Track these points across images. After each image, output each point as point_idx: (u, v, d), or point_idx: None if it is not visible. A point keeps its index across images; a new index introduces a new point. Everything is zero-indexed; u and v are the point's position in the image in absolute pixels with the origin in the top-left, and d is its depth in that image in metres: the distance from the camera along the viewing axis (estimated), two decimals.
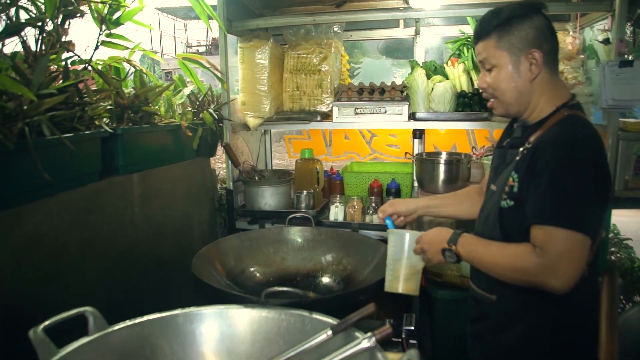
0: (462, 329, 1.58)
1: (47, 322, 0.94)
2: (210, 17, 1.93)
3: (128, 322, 1.05)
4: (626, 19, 1.99)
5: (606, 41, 2.02)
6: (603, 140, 2.00)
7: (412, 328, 1.30)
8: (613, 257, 2.72)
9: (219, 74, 2.20)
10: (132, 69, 1.85)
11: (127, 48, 1.78)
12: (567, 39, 2.33)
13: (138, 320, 1.07)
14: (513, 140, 1.36)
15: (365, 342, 0.98)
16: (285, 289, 1.31)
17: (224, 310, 1.17)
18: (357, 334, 1.04)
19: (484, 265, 1.26)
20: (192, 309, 1.14)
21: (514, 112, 1.32)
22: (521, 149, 1.27)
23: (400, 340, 1.24)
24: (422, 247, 1.37)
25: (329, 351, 1.01)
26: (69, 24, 1.50)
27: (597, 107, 2.09)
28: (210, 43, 18.63)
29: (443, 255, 1.32)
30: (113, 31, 1.68)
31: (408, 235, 1.40)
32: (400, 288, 1.42)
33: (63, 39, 1.46)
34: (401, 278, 1.41)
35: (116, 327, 1.03)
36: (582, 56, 2.30)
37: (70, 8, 1.41)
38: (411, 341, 1.37)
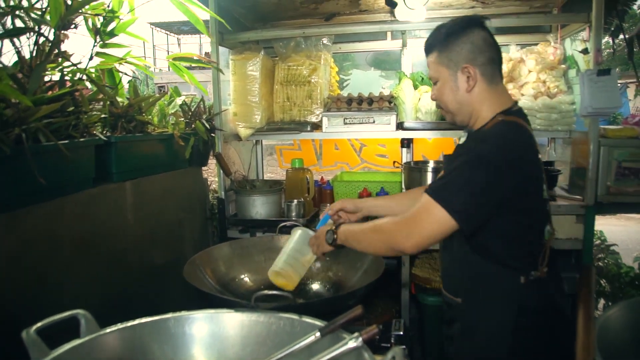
0: None
1: (39, 324, 0.95)
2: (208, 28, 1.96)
3: (120, 326, 1.06)
4: (604, 30, 2.07)
5: (585, 51, 2.10)
6: (584, 146, 2.09)
7: (401, 333, 1.32)
8: (600, 263, 2.77)
9: (211, 64, 2.23)
10: (126, 75, 1.88)
11: (121, 59, 1.81)
12: (549, 50, 2.40)
13: (129, 323, 1.08)
14: (458, 147, 1.43)
15: (352, 342, 0.99)
16: (274, 292, 1.34)
17: (214, 314, 1.18)
18: (345, 335, 1.06)
19: (355, 239, 1.38)
20: (183, 313, 1.15)
21: (459, 120, 1.40)
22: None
23: (389, 345, 1.26)
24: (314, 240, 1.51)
25: (318, 353, 1.03)
26: (62, 35, 1.54)
27: (580, 115, 2.15)
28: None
29: (326, 238, 1.44)
30: (107, 42, 1.71)
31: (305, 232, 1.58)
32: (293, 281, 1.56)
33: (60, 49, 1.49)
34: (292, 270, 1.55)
35: (108, 330, 1.04)
36: (563, 66, 2.37)
37: (75, 15, 1.44)
38: (401, 346, 1.40)
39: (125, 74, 1.87)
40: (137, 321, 1.10)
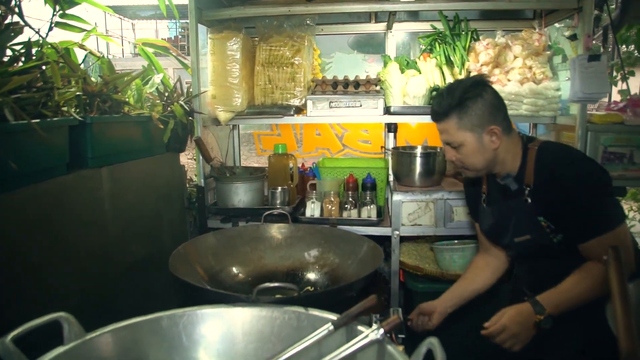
0: None
1: (16, 331, 0.83)
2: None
3: (108, 328, 0.96)
4: None
5: (573, 37, 2.09)
6: (570, 132, 2.10)
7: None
8: None
9: (185, 61, 2.11)
10: (88, 55, 1.73)
11: (83, 30, 1.66)
12: (534, 36, 2.39)
13: (118, 325, 0.98)
14: (510, 193, 1.49)
15: (373, 334, 0.95)
16: (277, 284, 1.26)
17: (212, 311, 1.09)
18: (360, 327, 1.00)
19: (574, 304, 1.31)
20: (177, 311, 1.07)
21: (484, 173, 1.51)
22: (526, 194, 1.41)
23: (389, 335, 1.21)
24: (509, 334, 1.32)
25: (328, 348, 0.96)
26: (17, 2, 1.37)
27: (567, 101, 2.16)
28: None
29: (537, 326, 1.31)
30: (67, 11, 1.56)
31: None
32: None
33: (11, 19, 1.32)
34: None
35: (95, 334, 0.94)
36: (548, 52, 2.37)
37: None
38: (400, 335, 1.35)
39: (91, 52, 1.70)
40: (125, 322, 1.00)
